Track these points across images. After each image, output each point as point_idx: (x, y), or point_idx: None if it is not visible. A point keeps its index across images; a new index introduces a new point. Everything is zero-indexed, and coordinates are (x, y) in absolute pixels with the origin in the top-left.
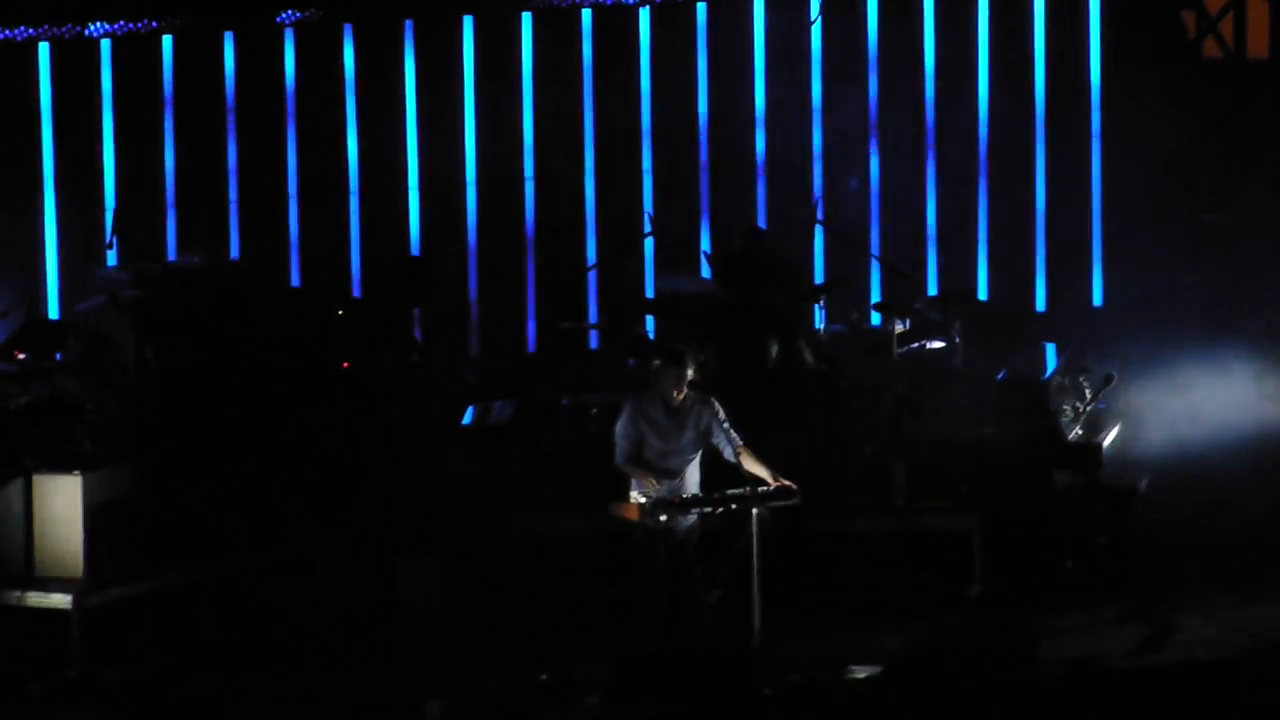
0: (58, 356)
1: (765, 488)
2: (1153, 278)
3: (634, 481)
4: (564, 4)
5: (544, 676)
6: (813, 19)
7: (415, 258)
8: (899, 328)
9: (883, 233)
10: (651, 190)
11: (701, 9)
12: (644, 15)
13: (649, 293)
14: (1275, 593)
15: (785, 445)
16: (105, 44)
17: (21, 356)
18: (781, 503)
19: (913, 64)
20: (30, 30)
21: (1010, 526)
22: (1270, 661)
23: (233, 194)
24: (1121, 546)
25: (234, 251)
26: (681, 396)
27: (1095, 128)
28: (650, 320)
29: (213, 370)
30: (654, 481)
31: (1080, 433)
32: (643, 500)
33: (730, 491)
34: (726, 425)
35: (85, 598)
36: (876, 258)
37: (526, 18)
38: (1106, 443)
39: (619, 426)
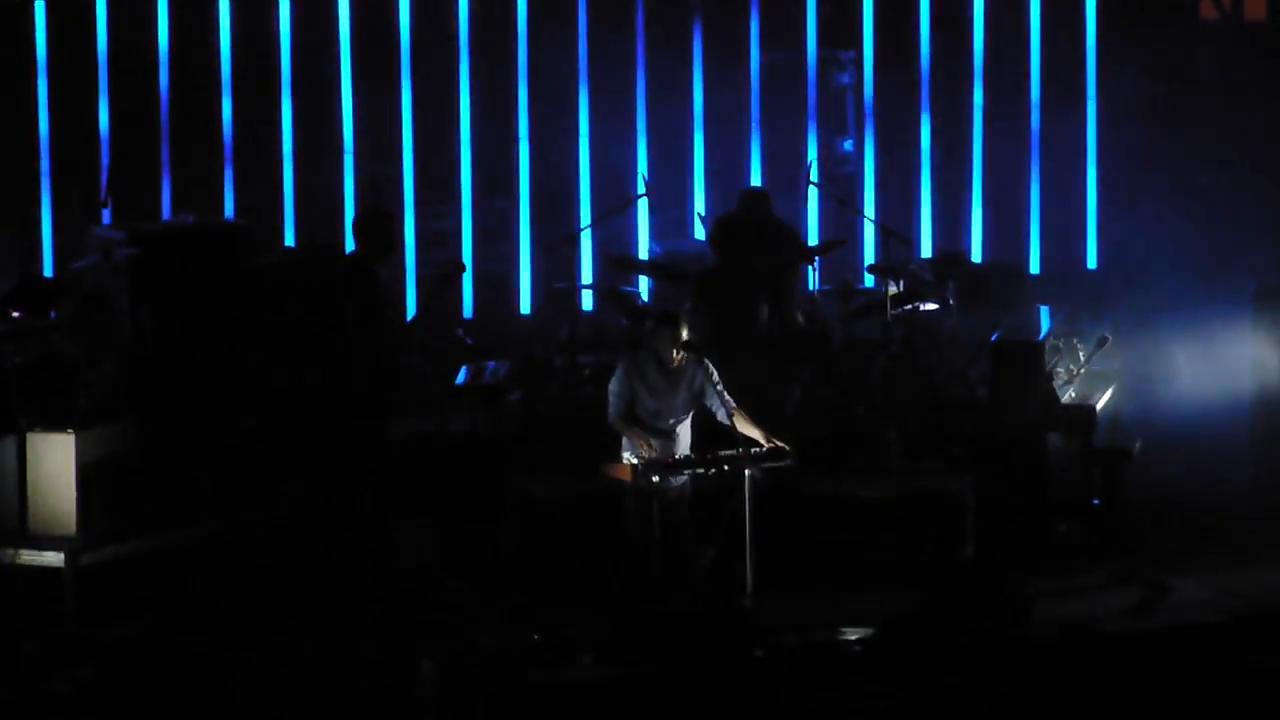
0: (52, 315)
1: (758, 449)
2: (1147, 240)
3: (626, 442)
4: None
5: (537, 636)
6: None
7: (379, 210)
8: (892, 290)
9: (877, 195)
10: (645, 151)
11: None
12: None
13: (643, 254)
14: (1269, 555)
15: (778, 407)
16: (101, 3)
17: (16, 315)
18: (774, 464)
19: (908, 23)
20: None
21: (1004, 488)
22: (1264, 623)
23: (227, 153)
24: (1115, 509)
25: (229, 211)
26: (677, 358)
27: (1090, 89)
28: (644, 281)
29: (207, 329)
30: (647, 442)
31: (1074, 395)
32: (635, 461)
33: (723, 453)
34: (720, 387)
35: (78, 556)
36: (870, 219)
37: None
38: (1101, 405)
39: (612, 385)
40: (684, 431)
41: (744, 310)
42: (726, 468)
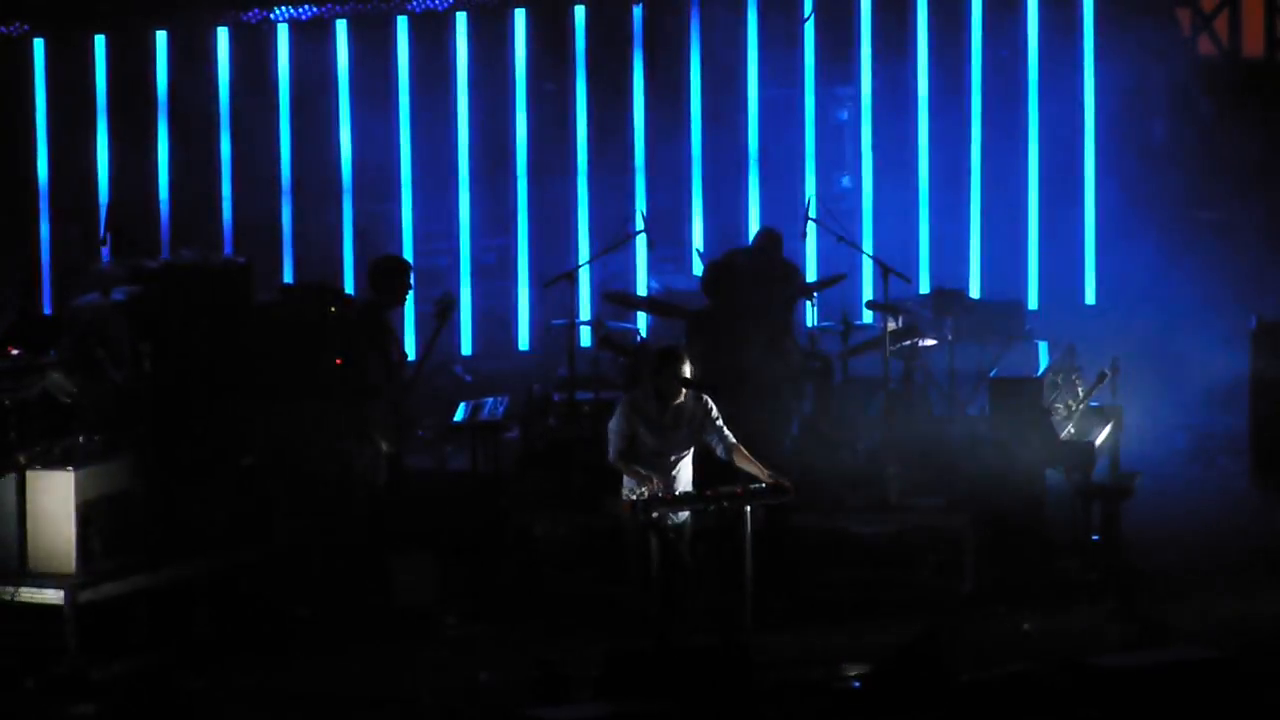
0: (51, 352)
1: (758, 485)
2: (1146, 275)
3: (626, 478)
4: None
5: (536, 672)
6: (806, 15)
7: (394, 257)
8: (891, 325)
9: (875, 230)
10: (645, 187)
11: (694, 5)
12: (637, 12)
13: (641, 290)
14: (1268, 590)
15: (777, 444)
16: (100, 39)
17: (15, 352)
18: (774, 500)
19: (906, 60)
20: (26, 26)
21: (1003, 525)
22: (1263, 658)
23: (226, 190)
24: (1114, 544)
25: (227, 247)
26: (678, 395)
27: (1088, 124)
28: (643, 318)
29: (206, 366)
30: (650, 481)
31: (1073, 431)
32: (635, 497)
33: (723, 489)
34: (719, 423)
35: (78, 593)
36: (869, 255)
37: (520, 13)
38: (1099, 441)
39: (612, 423)
40: (685, 468)
41: (739, 347)
42: (726, 504)
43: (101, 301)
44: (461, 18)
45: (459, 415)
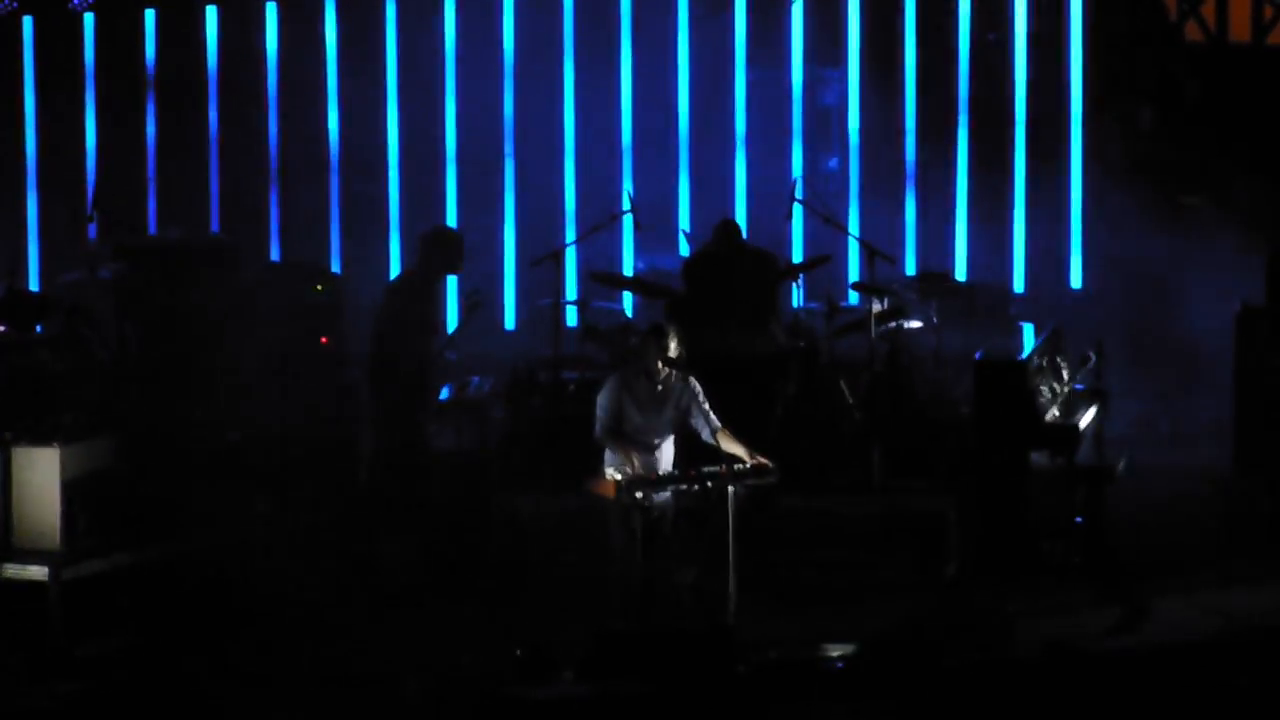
0: (37, 329)
1: (742, 466)
2: (1131, 260)
3: (609, 456)
4: None
5: (520, 652)
6: None
7: (451, 230)
8: (876, 307)
9: (861, 212)
10: (631, 168)
11: None
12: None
13: (627, 270)
14: (1252, 575)
15: (761, 425)
16: (89, 17)
17: (1, 329)
18: (758, 481)
19: (893, 43)
20: (13, 3)
21: (987, 507)
22: (1246, 644)
23: (213, 168)
24: (1098, 528)
25: (214, 226)
26: (664, 370)
27: (1076, 109)
28: (628, 297)
29: (192, 344)
30: (632, 456)
31: (1058, 414)
32: (619, 477)
33: (706, 469)
34: (705, 406)
35: (62, 570)
36: (855, 237)
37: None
38: (1084, 424)
39: (600, 398)
40: (668, 448)
41: (721, 330)
42: (710, 484)
43: (88, 279)
44: None
45: (444, 394)
